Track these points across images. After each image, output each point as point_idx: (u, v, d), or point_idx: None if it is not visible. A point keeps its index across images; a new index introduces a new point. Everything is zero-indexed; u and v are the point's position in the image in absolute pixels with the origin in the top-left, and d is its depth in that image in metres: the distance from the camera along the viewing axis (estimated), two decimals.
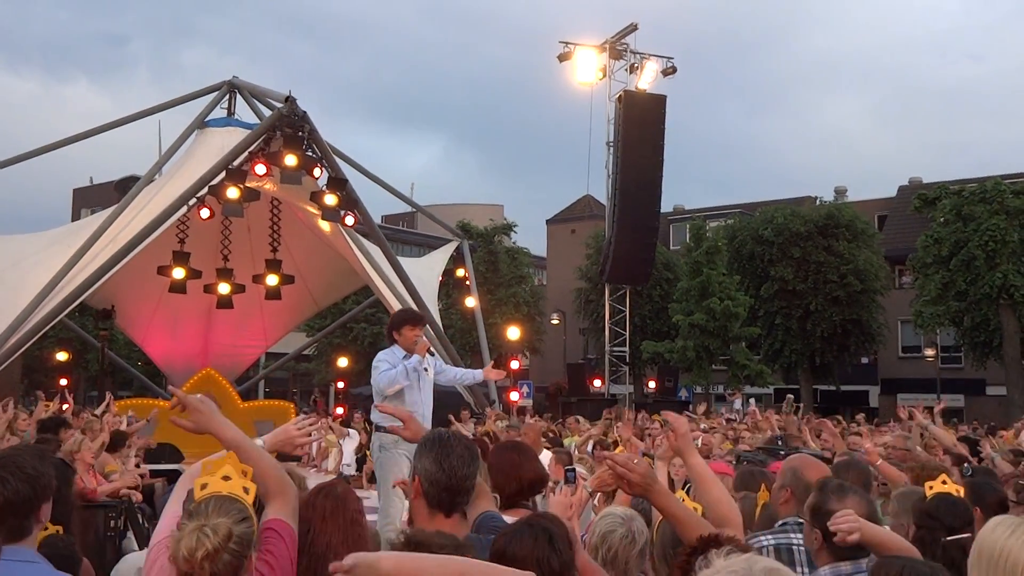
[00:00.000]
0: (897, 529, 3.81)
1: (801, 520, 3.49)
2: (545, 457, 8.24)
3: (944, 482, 3.84)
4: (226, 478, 2.63)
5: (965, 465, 5.92)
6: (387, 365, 6.83)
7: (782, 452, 6.51)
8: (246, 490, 2.64)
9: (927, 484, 3.85)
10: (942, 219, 30.11)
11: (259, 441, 2.98)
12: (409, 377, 6.82)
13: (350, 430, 17.60)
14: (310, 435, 3.28)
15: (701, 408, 16.79)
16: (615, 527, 3.40)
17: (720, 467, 5.83)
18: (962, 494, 3.85)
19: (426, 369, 7.10)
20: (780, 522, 3.76)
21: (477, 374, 8.00)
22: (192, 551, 2.39)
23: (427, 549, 2.33)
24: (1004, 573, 2.09)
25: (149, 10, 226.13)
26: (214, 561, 2.40)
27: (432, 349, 7.31)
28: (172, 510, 2.78)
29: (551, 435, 11.40)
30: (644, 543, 3.41)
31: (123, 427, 10.32)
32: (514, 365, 24.87)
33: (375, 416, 6.98)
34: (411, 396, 6.89)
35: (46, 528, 3.17)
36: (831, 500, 3.26)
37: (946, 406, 8.57)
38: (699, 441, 8.66)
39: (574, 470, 4.59)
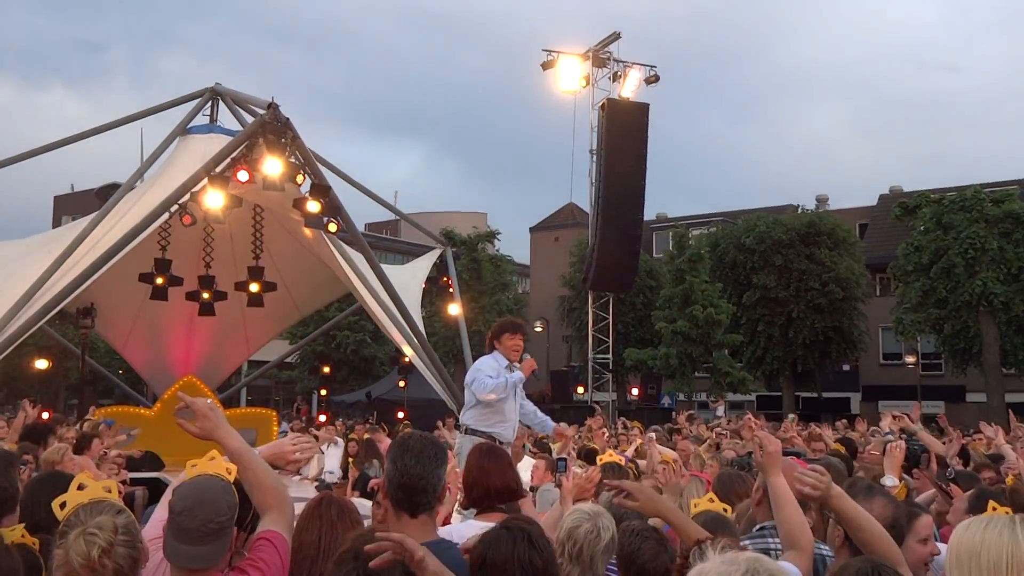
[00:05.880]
0: None
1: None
2: (527, 464, 8.27)
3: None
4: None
5: (949, 469, 5.91)
6: (491, 374, 6.76)
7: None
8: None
9: None
10: (922, 227, 30.29)
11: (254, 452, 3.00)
12: (507, 391, 6.77)
13: (337, 439, 17.45)
14: (303, 452, 3.33)
15: (683, 416, 16.78)
16: (581, 522, 3.40)
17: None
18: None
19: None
20: (758, 526, 3.77)
21: (548, 425, 7.66)
22: (86, 555, 2.36)
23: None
24: (986, 568, 2.08)
25: (126, 17, 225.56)
26: (111, 555, 2.38)
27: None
28: (159, 515, 2.78)
29: (536, 440, 11.38)
30: (610, 539, 3.40)
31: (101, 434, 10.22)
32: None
33: (466, 419, 6.95)
34: (507, 405, 6.88)
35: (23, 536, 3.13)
36: (858, 497, 3.29)
37: (918, 416, 8.52)
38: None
39: (565, 460, 4.62)
